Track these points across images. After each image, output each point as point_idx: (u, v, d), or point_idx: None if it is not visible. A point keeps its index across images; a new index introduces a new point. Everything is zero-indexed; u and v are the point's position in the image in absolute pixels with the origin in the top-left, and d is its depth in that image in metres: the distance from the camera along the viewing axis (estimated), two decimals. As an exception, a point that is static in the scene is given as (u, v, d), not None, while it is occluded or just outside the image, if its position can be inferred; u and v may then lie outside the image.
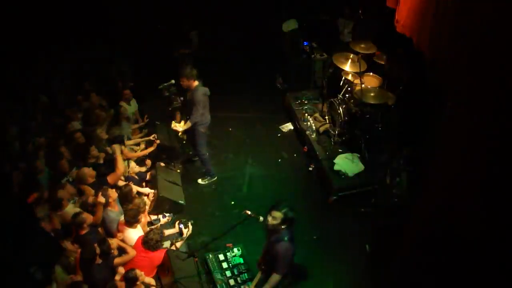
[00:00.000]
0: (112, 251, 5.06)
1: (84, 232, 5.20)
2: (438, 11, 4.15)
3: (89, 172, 5.98)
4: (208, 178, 7.21)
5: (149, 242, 5.05)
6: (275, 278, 4.34)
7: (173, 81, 7.13)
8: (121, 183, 6.17)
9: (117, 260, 5.05)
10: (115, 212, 5.62)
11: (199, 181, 7.22)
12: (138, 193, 6.24)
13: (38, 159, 6.25)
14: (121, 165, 6.24)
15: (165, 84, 7.27)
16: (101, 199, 5.47)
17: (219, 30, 10.48)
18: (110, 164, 6.30)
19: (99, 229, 5.58)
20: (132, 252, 5.08)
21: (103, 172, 6.17)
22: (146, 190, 6.41)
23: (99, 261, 4.94)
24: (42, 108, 7.47)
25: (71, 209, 5.49)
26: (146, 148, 7.16)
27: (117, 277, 4.93)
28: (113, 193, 5.62)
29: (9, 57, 8.22)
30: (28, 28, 8.85)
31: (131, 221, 5.34)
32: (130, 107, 7.90)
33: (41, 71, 8.58)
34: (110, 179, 6.06)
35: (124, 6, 9.61)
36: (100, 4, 9.46)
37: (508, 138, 2.24)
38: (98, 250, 4.93)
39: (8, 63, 8.07)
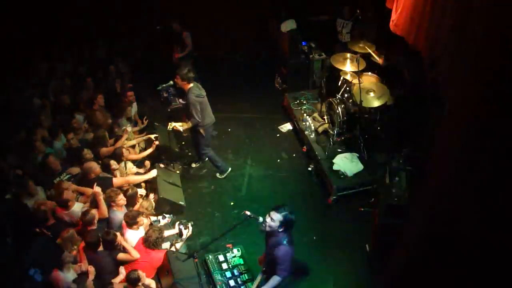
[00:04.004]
0: (117, 243, 5.11)
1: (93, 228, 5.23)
2: (435, 12, 4.16)
3: (95, 166, 5.99)
4: (224, 174, 7.28)
5: (149, 240, 5.06)
6: (275, 280, 4.34)
7: (171, 82, 7.13)
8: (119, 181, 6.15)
9: (120, 255, 5.06)
10: (122, 213, 5.62)
11: (218, 175, 7.28)
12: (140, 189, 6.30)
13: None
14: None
15: (164, 85, 7.29)
16: (97, 189, 5.48)
17: (217, 31, 10.49)
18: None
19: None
20: (135, 254, 5.09)
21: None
22: (145, 176, 6.44)
23: (101, 248, 4.98)
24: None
25: (77, 207, 5.53)
26: (145, 149, 7.16)
27: (118, 279, 4.94)
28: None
29: (8, 57, 8.25)
30: (27, 29, 8.88)
31: (130, 223, 5.35)
32: (132, 109, 7.93)
33: (40, 71, 8.60)
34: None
35: (123, 7, 9.59)
36: (99, 5, 9.47)
37: (507, 138, 2.26)
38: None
39: (6, 63, 8.09)
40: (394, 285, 4.17)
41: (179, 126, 6.64)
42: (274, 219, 4.21)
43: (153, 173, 6.39)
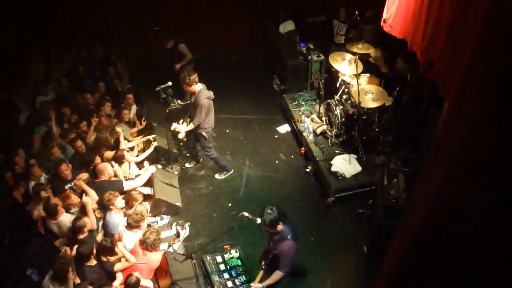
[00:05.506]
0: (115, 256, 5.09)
1: (82, 236, 5.15)
2: (432, 11, 4.16)
3: (110, 168, 5.96)
4: (225, 172, 7.27)
5: (146, 241, 5.03)
6: (277, 274, 4.43)
7: (169, 83, 7.11)
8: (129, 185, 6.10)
9: (117, 267, 5.04)
10: (120, 215, 5.59)
11: (216, 176, 7.28)
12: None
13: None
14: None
15: (162, 86, 7.27)
16: (86, 199, 5.44)
17: (215, 31, 10.49)
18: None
19: (100, 233, 5.60)
20: (132, 259, 5.06)
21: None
22: (146, 190, 6.38)
23: (92, 262, 4.93)
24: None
25: (65, 217, 5.40)
26: (144, 149, 7.13)
27: (116, 283, 4.92)
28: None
29: (8, 57, 8.23)
30: (26, 29, 8.85)
31: (133, 226, 5.32)
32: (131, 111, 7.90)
33: (39, 72, 8.58)
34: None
35: (121, 7, 9.58)
36: (98, 6, 9.45)
37: (507, 138, 2.26)
38: (94, 251, 4.92)
39: (6, 63, 8.08)
40: (389, 285, 4.17)
41: (181, 128, 6.65)
42: (270, 230, 4.36)
43: (151, 169, 6.38)
